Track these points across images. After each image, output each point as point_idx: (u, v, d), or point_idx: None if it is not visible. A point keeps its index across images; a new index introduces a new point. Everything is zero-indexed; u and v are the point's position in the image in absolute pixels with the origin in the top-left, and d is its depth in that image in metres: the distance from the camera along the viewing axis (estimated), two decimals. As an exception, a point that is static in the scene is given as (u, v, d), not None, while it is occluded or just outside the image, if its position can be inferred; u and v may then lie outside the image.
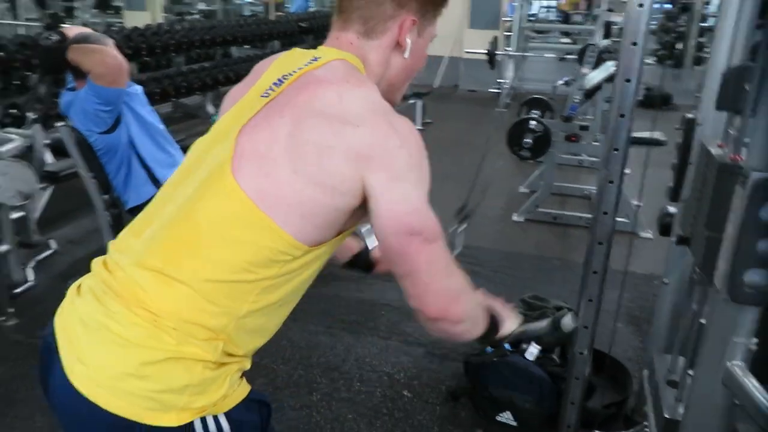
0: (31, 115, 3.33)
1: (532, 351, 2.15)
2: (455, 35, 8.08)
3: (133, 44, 4.83)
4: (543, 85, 6.28)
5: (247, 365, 0.95)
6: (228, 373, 0.89)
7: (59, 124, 3.06)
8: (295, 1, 12.54)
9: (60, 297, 0.97)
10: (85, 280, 0.94)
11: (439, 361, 2.44)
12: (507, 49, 7.50)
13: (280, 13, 9.06)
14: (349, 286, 2.99)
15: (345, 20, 0.97)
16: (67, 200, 3.33)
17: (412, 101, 5.94)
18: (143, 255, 0.88)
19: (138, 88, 2.56)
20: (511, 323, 1.15)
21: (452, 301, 0.90)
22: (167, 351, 0.83)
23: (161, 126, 2.57)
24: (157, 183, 2.50)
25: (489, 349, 2.20)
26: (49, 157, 3.35)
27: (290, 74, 0.92)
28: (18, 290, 2.67)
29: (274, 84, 0.92)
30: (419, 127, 6.22)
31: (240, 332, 0.89)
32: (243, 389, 0.92)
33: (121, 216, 2.56)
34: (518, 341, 1.67)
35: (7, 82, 4.72)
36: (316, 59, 0.95)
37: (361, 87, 0.90)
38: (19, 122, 3.78)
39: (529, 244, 3.60)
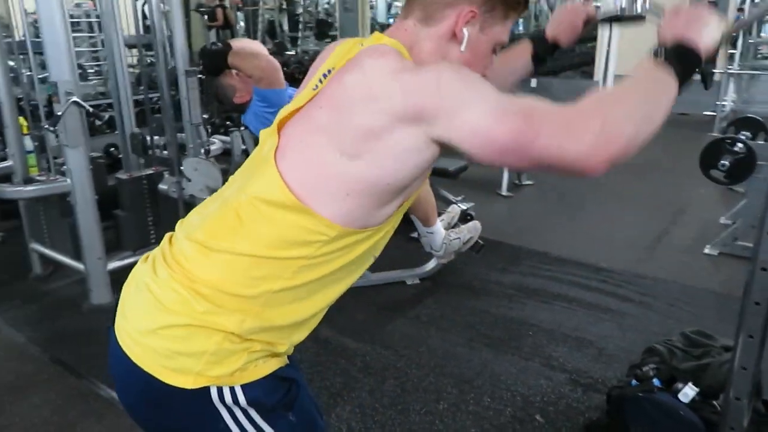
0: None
1: (688, 392, 1.88)
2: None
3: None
4: (768, 107, 5.47)
5: (280, 350, 0.94)
6: (249, 350, 0.89)
7: (241, 128, 3.48)
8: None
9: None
10: (154, 251, 1.03)
11: (582, 391, 2.24)
12: (728, 68, 6.69)
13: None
14: (500, 303, 2.89)
15: (408, 8, 0.97)
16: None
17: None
18: (194, 230, 0.94)
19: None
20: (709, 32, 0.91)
21: (598, 126, 0.77)
22: (192, 318, 0.87)
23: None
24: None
25: (634, 382, 1.97)
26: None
27: (334, 69, 0.93)
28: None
29: (323, 75, 0.95)
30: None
31: (270, 309, 0.90)
32: (267, 366, 0.92)
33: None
34: None
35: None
36: (362, 45, 0.95)
37: (382, 57, 0.87)
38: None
39: (718, 280, 3.14)
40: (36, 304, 2.86)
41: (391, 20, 16.06)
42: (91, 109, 2.58)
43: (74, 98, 2.47)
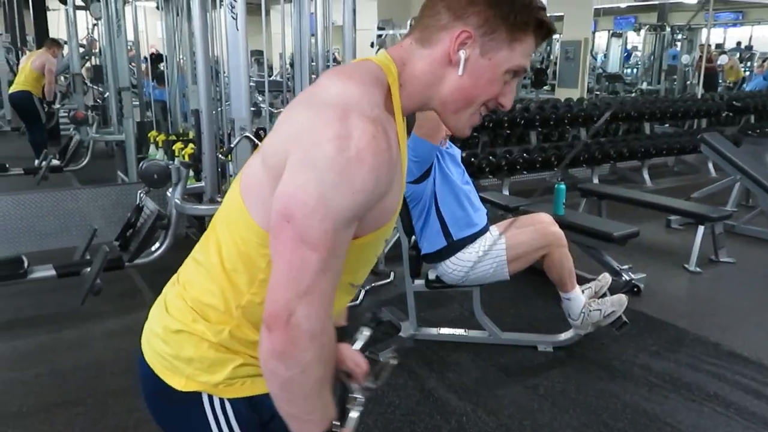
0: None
1: None
2: None
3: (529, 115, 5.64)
4: None
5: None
6: (232, 362, 0.95)
7: None
8: (754, 79, 11.35)
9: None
10: None
11: None
12: None
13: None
14: (637, 390, 2.55)
15: (413, 27, 0.96)
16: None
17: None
18: (196, 247, 1.06)
19: (457, 151, 2.82)
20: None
21: (299, 320, 0.81)
22: (185, 324, 0.97)
23: (467, 187, 2.75)
24: (449, 237, 2.69)
25: None
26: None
27: None
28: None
29: None
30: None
31: (247, 322, 0.95)
32: (255, 387, 0.97)
33: (419, 259, 2.85)
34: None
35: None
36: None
37: (346, 80, 0.87)
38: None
39: None
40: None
41: (627, 71, 15.23)
42: (259, 143, 2.94)
43: (246, 133, 2.83)
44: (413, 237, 2.85)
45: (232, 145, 2.81)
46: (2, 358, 2.77)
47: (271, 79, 3.54)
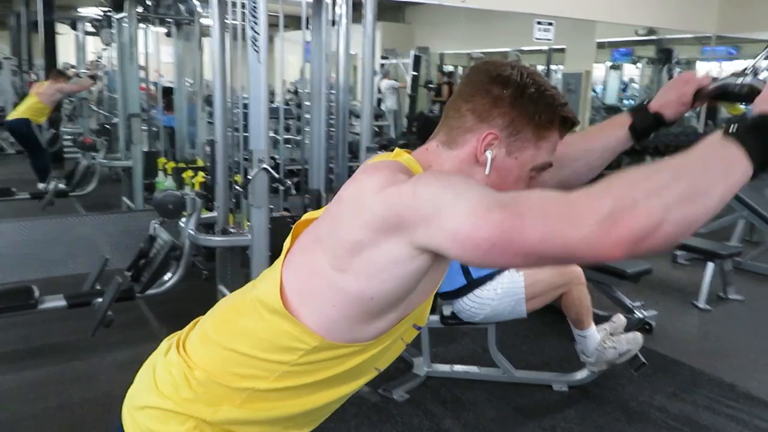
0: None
1: None
2: None
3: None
4: None
5: None
6: None
7: None
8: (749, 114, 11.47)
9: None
10: (181, 331, 1.09)
11: None
12: None
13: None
14: None
15: (436, 130, 0.97)
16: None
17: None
18: (207, 317, 1.03)
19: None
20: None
21: (607, 207, 0.69)
22: (175, 403, 0.93)
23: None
24: (468, 276, 2.67)
25: None
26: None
27: None
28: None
29: None
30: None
31: (251, 404, 0.92)
32: None
33: (435, 296, 2.82)
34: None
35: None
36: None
37: (376, 172, 0.87)
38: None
39: None
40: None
41: (625, 101, 15.38)
42: (277, 176, 2.93)
43: (264, 165, 2.83)
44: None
45: (249, 177, 2.79)
46: (10, 389, 2.72)
47: (273, 105, 3.52)
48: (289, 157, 4.65)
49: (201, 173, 4.08)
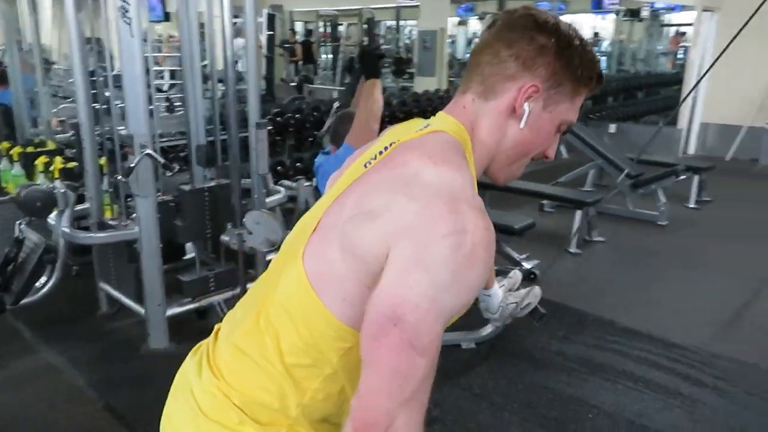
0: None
1: None
2: (760, 101, 7.00)
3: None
4: None
5: None
6: None
7: (306, 184, 3.51)
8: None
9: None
10: (204, 342, 1.01)
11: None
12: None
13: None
14: (560, 378, 2.74)
15: (467, 81, 0.91)
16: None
17: (683, 176, 5.28)
18: (233, 329, 0.93)
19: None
20: None
21: (399, 429, 0.72)
22: (227, 428, 0.86)
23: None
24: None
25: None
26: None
27: (394, 143, 0.87)
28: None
29: (379, 153, 0.88)
30: (692, 206, 5.51)
31: (306, 420, 0.87)
32: None
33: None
34: None
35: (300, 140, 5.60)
36: (426, 126, 0.90)
37: (441, 166, 0.79)
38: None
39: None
40: (99, 344, 2.95)
41: (467, 56, 16.07)
42: (162, 161, 2.68)
43: (147, 150, 2.57)
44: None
45: (132, 165, 2.52)
46: None
47: (115, 73, 3.13)
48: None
49: (58, 158, 3.63)
